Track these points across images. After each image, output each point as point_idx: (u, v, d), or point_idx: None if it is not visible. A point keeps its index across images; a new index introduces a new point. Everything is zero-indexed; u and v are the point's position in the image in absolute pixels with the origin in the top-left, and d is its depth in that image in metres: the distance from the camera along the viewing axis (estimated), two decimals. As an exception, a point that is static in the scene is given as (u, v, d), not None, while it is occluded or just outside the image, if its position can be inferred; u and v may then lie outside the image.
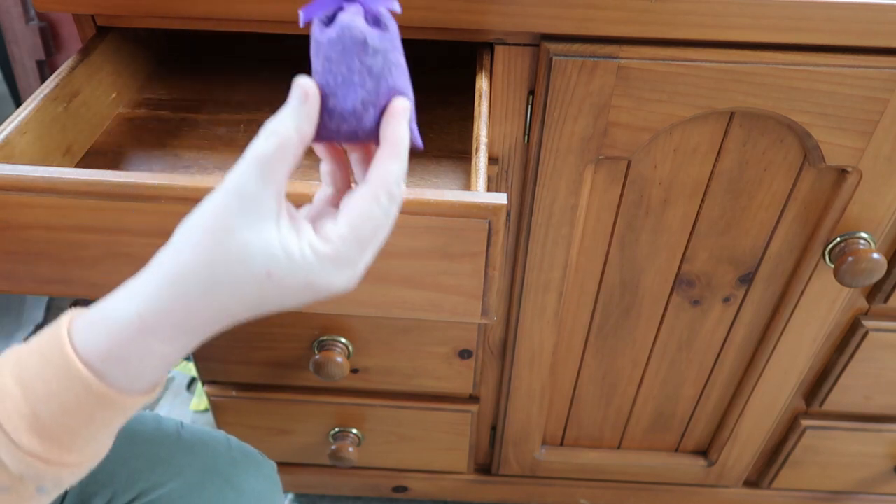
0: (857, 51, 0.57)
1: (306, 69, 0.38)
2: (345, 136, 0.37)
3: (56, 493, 0.35)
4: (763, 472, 1.00)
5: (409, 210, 0.43)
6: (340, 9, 0.36)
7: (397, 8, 0.36)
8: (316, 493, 1.12)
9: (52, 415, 0.33)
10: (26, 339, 1.36)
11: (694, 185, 0.67)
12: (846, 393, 0.85)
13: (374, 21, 0.36)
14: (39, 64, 1.07)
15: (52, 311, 1.43)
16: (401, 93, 0.37)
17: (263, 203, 0.33)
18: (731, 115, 0.62)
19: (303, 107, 0.35)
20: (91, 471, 0.37)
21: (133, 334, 0.33)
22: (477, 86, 0.56)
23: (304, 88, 0.35)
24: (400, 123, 0.36)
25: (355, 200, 0.35)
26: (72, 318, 0.35)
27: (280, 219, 0.33)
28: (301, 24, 0.36)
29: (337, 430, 0.94)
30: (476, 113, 0.52)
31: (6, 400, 0.33)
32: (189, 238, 0.33)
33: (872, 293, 0.76)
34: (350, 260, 0.34)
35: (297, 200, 0.43)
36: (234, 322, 0.35)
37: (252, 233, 0.32)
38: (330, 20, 0.36)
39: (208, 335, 0.35)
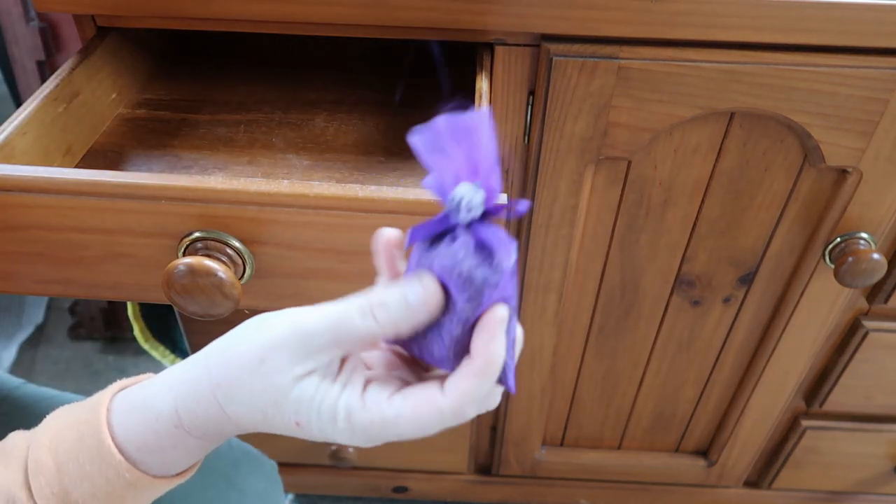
0: (857, 51, 0.57)
1: (305, 69, 0.37)
2: (422, 362, 0.35)
3: None
4: (763, 472, 1.00)
5: (409, 210, 0.43)
6: (450, 234, 0.31)
7: (511, 256, 0.30)
8: (316, 493, 1.12)
9: (82, 495, 0.34)
10: (26, 339, 1.36)
11: (694, 186, 0.67)
12: (846, 393, 0.85)
13: (485, 252, 0.31)
14: (39, 64, 1.07)
15: (53, 311, 1.43)
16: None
17: (321, 358, 0.32)
18: (732, 115, 0.62)
19: (418, 310, 0.31)
20: None
21: (170, 429, 0.34)
22: (477, 86, 0.56)
23: (431, 296, 0.31)
24: (497, 340, 0.31)
25: (423, 402, 0.32)
26: (115, 394, 0.35)
27: (326, 374, 0.32)
28: (405, 247, 0.33)
29: (337, 430, 0.93)
30: (476, 113, 0.52)
31: (40, 474, 0.34)
32: (243, 350, 0.32)
33: (873, 293, 0.76)
34: (376, 438, 0.32)
35: (296, 200, 0.43)
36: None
37: (295, 381, 0.32)
38: (435, 239, 0.32)
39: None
